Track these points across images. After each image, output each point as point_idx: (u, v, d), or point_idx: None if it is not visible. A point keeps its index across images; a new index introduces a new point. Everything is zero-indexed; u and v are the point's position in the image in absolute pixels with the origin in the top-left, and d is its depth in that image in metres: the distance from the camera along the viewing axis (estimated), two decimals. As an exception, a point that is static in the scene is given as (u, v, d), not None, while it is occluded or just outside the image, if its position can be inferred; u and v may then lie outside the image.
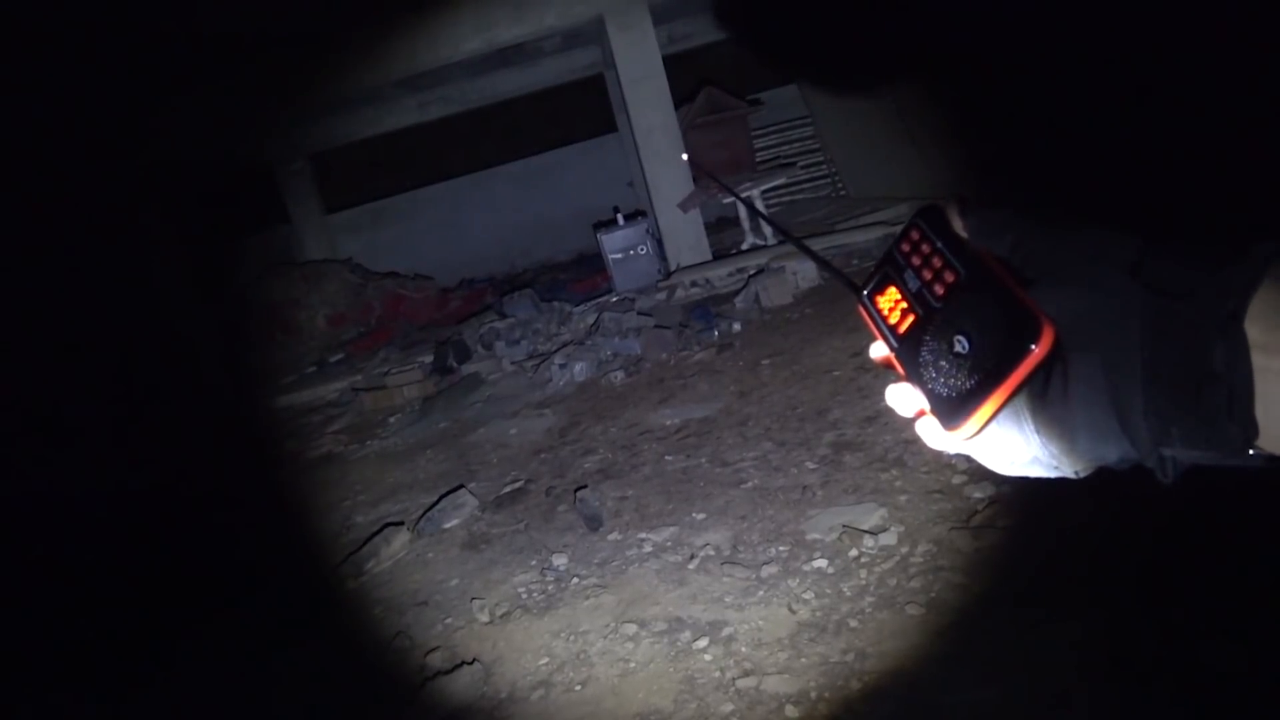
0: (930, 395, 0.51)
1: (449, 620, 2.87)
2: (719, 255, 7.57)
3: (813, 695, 2.01)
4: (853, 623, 2.24)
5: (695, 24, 8.92)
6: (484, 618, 2.80)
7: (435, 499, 3.87)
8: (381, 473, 4.68)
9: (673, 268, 7.39)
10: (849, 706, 1.95)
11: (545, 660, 2.48)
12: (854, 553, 2.56)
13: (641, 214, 8.09)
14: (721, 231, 9.19)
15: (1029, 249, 0.49)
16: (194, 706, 2.77)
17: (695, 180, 7.50)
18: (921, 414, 0.53)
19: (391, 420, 5.76)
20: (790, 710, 1.98)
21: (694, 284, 6.86)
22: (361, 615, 3.13)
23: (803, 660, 2.15)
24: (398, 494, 4.26)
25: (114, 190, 7.09)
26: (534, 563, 3.11)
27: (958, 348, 0.49)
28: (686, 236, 7.53)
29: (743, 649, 2.27)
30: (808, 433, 3.56)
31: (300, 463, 5.43)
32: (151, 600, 3.46)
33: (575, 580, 2.90)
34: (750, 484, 3.25)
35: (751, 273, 6.38)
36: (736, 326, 5.49)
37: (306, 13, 6.49)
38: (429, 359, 6.69)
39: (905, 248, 0.55)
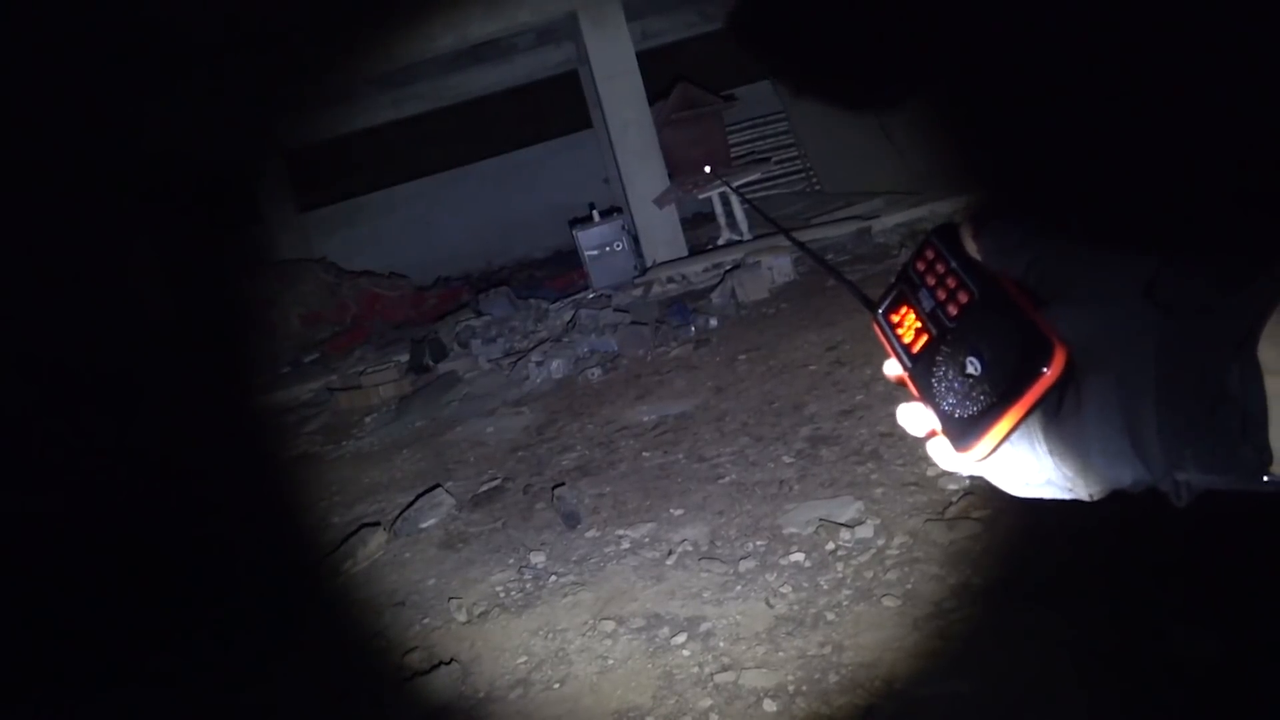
0: (942, 416, 0.51)
1: (426, 620, 2.85)
2: (695, 251, 7.58)
3: (790, 689, 2.02)
4: (830, 616, 2.25)
5: (669, 20, 8.93)
6: (462, 617, 2.78)
7: (412, 499, 3.84)
8: (358, 473, 4.64)
9: (649, 264, 7.39)
10: (826, 699, 1.96)
11: (523, 659, 2.47)
12: (831, 546, 2.57)
13: (617, 210, 8.09)
14: (697, 228, 9.20)
15: (1044, 268, 0.49)
16: (166, 711, 2.73)
17: (671, 176, 7.50)
18: (933, 434, 0.52)
19: (367, 420, 5.72)
20: (768, 704, 1.99)
21: (670, 280, 6.86)
22: (338, 617, 3.10)
23: (780, 654, 2.15)
24: (374, 494, 4.22)
25: (85, 187, 6.97)
26: (512, 561, 3.10)
27: (970, 369, 0.49)
28: (662, 233, 7.53)
29: (721, 644, 2.27)
30: (784, 427, 3.57)
31: (276, 463, 5.37)
32: (125, 604, 3.41)
33: (553, 578, 2.89)
34: (727, 479, 3.25)
35: (727, 268, 6.40)
36: (713, 322, 5.50)
37: (279, 9, 6.41)
38: (405, 358, 6.65)
39: (920, 266, 0.55)
